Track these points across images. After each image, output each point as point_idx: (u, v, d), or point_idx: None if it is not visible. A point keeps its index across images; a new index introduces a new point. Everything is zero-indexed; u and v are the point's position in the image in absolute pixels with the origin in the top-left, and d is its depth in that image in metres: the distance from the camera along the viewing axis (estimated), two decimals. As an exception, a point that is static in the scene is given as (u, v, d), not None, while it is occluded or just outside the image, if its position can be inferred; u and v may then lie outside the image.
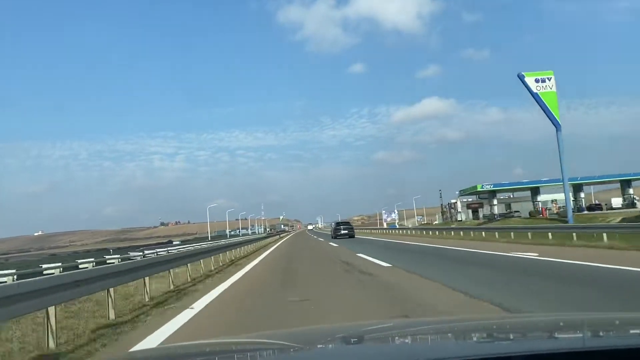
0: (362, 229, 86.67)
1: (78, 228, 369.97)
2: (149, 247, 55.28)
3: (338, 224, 47.62)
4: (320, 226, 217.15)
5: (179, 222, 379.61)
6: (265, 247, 31.87)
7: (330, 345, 1.81)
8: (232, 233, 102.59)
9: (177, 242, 68.89)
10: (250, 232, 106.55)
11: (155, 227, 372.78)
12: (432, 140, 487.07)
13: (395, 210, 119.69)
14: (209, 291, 9.13)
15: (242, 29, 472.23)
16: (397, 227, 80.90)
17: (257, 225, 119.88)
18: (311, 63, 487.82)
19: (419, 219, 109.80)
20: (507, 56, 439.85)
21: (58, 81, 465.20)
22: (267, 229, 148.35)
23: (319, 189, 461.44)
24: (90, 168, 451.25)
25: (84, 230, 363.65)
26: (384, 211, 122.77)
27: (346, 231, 43.30)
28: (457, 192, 76.64)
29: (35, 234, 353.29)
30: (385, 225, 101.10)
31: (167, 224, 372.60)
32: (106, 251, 59.27)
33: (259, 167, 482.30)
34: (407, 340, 1.87)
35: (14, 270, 20.07)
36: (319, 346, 1.80)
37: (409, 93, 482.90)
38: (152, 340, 5.20)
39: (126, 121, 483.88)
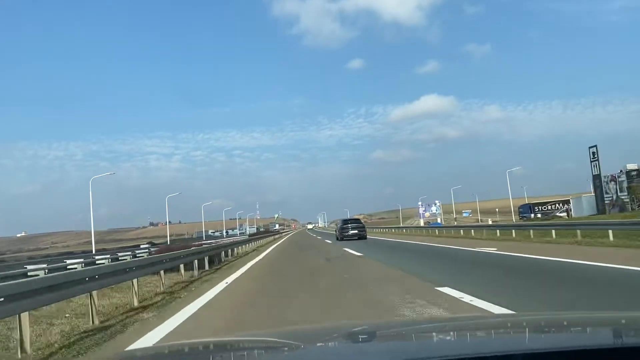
0: (370, 228, 71.43)
1: (66, 229, 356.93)
2: (107, 252, 43.93)
3: (345, 221, 36.76)
4: (320, 225, 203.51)
5: (169, 222, 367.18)
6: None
7: (330, 344, 1.79)
8: (217, 234, 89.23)
9: (146, 246, 56.69)
10: (238, 232, 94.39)
11: (144, 227, 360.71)
12: (431, 139, 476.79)
13: (437, 202, 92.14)
14: None
15: (239, 25, 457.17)
16: (442, 224, 62.58)
17: (239, 225, 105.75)
18: (308, 59, 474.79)
19: (467, 214, 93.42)
20: (510, 51, 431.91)
21: (54, 81, 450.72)
22: (261, 229, 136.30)
23: (316, 188, 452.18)
24: (86, 168, 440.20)
25: (69, 231, 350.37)
26: (420, 203, 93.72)
27: (356, 231, 34.03)
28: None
29: (18, 235, 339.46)
30: (421, 223, 78.87)
31: (156, 224, 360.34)
32: (71, 254, 48.10)
33: (256, 167, 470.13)
34: (407, 339, 1.84)
35: None
36: (318, 344, 1.77)
37: (407, 90, 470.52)
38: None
39: (122, 122, 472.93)
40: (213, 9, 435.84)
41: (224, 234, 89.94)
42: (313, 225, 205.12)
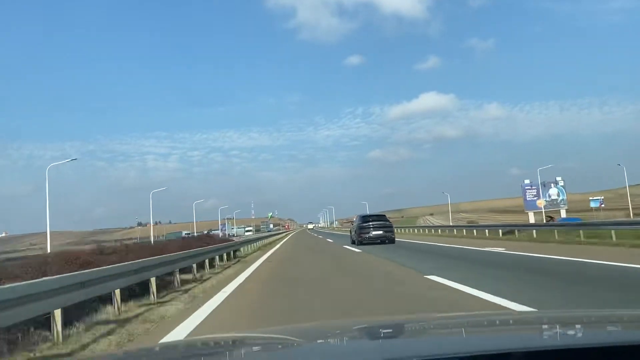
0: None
1: (53, 229, 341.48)
2: None
3: (365, 218, 25.88)
4: (321, 225, 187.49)
5: (159, 222, 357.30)
6: None
7: (331, 340, 1.78)
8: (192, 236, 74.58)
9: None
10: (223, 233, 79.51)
11: (131, 227, 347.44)
12: (430, 138, 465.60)
13: (560, 180, 52.03)
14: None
15: (234, 21, 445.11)
16: (581, 220, 34.99)
17: (221, 225, 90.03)
18: (305, 55, 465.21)
19: (596, 203, 58.42)
20: (514, 48, 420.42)
21: (50, 81, 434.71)
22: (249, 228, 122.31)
23: (314, 189, 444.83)
24: (82, 169, 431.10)
25: (52, 231, 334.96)
26: (528, 183, 53.13)
27: (380, 231, 24.27)
28: None
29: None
30: (531, 219, 48.20)
31: (145, 224, 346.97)
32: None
33: (253, 167, 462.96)
34: (410, 336, 1.82)
35: None
36: (319, 341, 1.77)
37: (407, 87, 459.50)
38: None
39: (119, 122, 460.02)
40: (207, 7, 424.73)
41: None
42: (314, 225, 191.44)
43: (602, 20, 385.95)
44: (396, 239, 25.58)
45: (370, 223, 24.77)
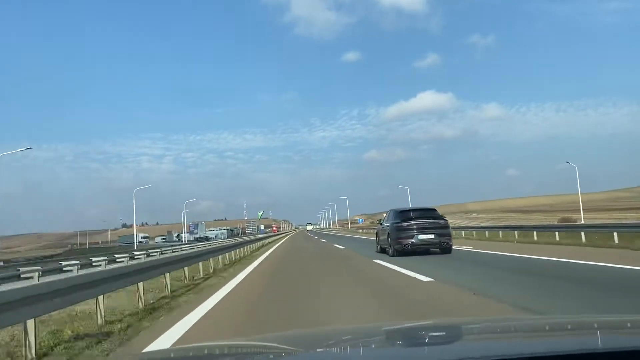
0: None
1: (31, 231, 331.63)
2: None
3: (405, 214, 16.27)
4: (320, 225, 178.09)
5: (146, 223, 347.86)
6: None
7: (332, 349, 1.73)
8: (160, 241, 62.07)
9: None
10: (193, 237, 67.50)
11: (116, 229, 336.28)
12: (428, 138, 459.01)
13: None
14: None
15: (230, 20, 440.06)
16: None
17: (193, 226, 78.03)
18: (302, 53, 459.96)
19: None
20: (515, 45, 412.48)
21: (45, 81, 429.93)
22: (238, 231, 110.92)
23: (310, 190, 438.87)
24: (76, 170, 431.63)
25: (31, 233, 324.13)
26: None
27: (431, 235, 15.23)
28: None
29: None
30: None
31: (129, 226, 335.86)
32: None
33: (248, 168, 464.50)
34: (410, 343, 1.78)
35: None
36: (318, 350, 1.72)
37: (405, 86, 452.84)
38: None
39: (113, 123, 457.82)
40: (202, 5, 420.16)
41: (175, 238, 63.47)
42: (312, 226, 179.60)
43: (600, 20, 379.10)
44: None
45: (413, 222, 15.57)
